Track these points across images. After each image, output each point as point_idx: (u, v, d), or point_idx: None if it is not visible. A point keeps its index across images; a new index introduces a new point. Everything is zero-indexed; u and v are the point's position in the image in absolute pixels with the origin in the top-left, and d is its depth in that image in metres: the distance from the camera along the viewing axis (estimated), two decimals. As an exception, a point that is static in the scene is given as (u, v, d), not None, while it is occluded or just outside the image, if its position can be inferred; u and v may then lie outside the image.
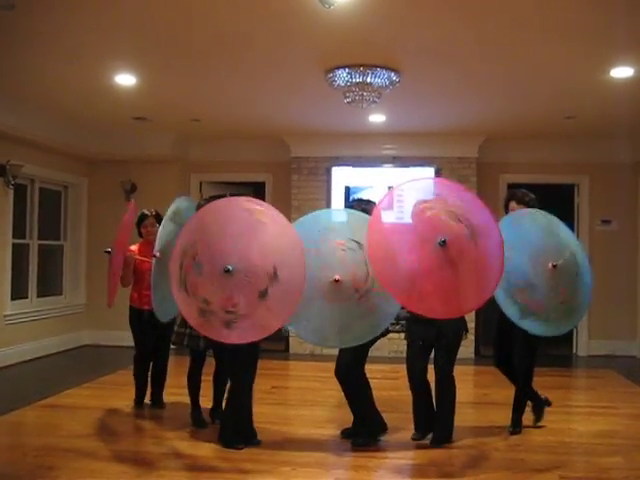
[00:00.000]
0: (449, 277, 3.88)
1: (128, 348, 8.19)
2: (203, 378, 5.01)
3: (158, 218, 5.17)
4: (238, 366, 4.40)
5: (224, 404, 4.64)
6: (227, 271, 3.74)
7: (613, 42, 4.75)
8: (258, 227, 3.90)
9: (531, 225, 4.35)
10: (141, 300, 5.24)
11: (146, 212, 5.39)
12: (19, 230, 7.73)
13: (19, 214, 7.71)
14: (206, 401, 5.01)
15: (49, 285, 8.50)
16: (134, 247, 5.30)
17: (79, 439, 4.54)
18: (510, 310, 4.22)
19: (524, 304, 4.20)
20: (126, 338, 8.42)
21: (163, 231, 4.64)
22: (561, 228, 4.33)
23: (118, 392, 5.97)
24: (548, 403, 4.91)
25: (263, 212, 3.97)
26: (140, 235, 5.40)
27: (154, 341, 5.38)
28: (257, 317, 3.86)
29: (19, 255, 7.74)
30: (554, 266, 4.15)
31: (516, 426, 4.74)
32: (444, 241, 3.77)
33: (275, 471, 3.96)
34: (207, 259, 3.85)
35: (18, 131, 7.00)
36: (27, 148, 7.39)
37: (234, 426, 4.41)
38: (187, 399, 5.03)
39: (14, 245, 7.48)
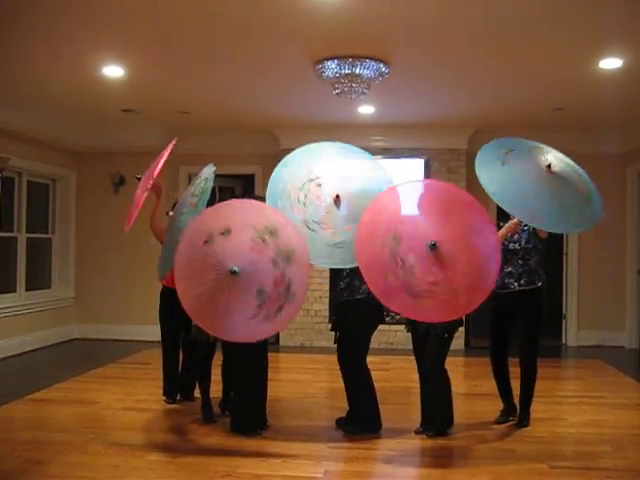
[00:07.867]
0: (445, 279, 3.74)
1: (117, 341, 8.25)
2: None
3: None
4: (245, 355, 4.47)
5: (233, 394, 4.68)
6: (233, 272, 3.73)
7: (601, 33, 4.76)
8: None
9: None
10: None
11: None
12: (7, 223, 7.68)
13: (7, 207, 7.65)
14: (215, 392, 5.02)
15: (37, 279, 8.44)
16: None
17: (69, 433, 4.52)
18: None
19: None
20: (115, 331, 8.50)
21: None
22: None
23: (107, 385, 5.95)
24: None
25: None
26: None
27: (182, 328, 5.19)
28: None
29: (7, 248, 7.70)
30: (548, 167, 4.18)
31: (524, 420, 4.73)
32: (434, 244, 3.70)
33: (265, 462, 3.96)
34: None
35: (5, 124, 6.94)
36: (14, 141, 7.32)
37: (245, 413, 4.51)
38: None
39: (2, 238, 7.45)
